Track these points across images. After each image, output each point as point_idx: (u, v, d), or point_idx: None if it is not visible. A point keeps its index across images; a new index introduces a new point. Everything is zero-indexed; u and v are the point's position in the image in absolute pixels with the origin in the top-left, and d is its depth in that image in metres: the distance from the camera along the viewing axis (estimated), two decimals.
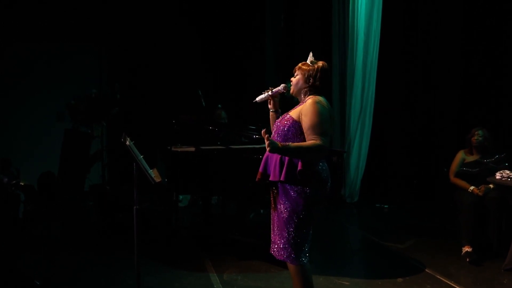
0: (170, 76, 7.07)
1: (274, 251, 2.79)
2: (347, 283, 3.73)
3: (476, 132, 4.53)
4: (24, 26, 6.41)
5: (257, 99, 2.93)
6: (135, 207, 3.04)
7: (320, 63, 2.76)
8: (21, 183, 5.27)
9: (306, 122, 2.62)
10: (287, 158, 2.67)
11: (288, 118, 2.71)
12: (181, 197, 6.21)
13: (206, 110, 5.44)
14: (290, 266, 2.75)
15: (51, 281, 3.71)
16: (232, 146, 4.66)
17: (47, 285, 3.63)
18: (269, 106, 2.95)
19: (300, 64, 2.80)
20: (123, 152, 3.03)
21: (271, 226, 2.85)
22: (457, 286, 3.66)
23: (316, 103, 2.64)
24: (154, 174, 3.05)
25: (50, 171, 5.86)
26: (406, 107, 6.88)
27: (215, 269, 3.99)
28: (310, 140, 2.59)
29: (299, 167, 2.63)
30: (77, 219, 5.79)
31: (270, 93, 2.88)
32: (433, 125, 6.75)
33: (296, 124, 2.67)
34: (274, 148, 2.53)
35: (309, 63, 2.77)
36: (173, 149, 4.54)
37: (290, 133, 2.69)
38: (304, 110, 2.65)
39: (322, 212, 2.82)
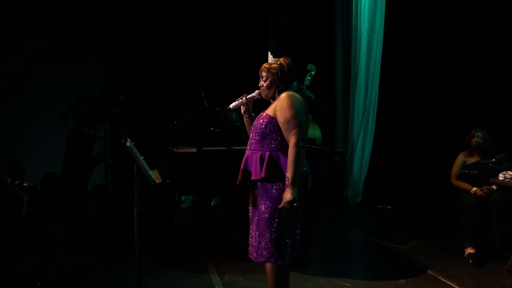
0: (172, 77, 7.07)
1: (252, 254, 2.79)
2: (348, 284, 3.72)
3: (476, 134, 4.48)
4: (27, 28, 6.43)
5: (231, 105, 2.93)
6: (135, 208, 3.04)
7: (285, 59, 2.80)
8: (24, 184, 5.29)
9: (281, 117, 2.66)
10: (266, 154, 2.68)
11: (264, 116, 2.75)
12: (183, 198, 6.21)
13: (209, 111, 5.43)
14: (267, 265, 2.74)
15: (52, 282, 3.72)
16: (234, 147, 4.65)
17: (48, 285, 3.63)
18: (242, 112, 2.95)
19: (266, 65, 2.80)
20: (126, 153, 3.03)
21: (250, 228, 2.84)
22: None
23: (290, 96, 2.69)
24: (154, 175, 3.06)
25: (53, 171, 5.87)
26: (409, 108, 6.86)
27: (216, 270, 3.98)
28: (289, 137, 2.62)
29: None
30: (79, 220, 5.80)
31: (244, 99, 2.89)
32: (436, 126, 6.73)
33: (273, 120, 2.70)
34: (293, 190, 2.55)
35: (273, 61, 2.79)
36: (174, 150, 4.54)
37: (267, 130, 2.71)
38: (279, 106, 2.69)
39: (304, 210, 2.80)
